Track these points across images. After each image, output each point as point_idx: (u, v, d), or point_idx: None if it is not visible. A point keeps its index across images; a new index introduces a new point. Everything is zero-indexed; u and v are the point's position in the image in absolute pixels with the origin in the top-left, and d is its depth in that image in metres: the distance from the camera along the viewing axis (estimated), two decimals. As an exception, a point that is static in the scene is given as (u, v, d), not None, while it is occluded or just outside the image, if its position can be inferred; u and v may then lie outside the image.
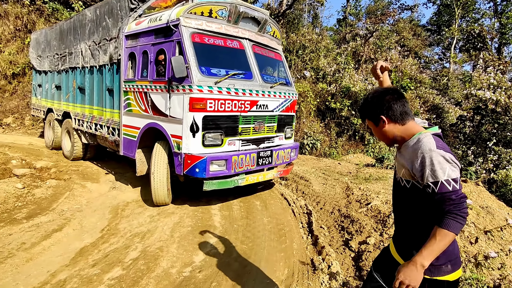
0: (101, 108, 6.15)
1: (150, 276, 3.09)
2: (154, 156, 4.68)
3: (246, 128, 4.68)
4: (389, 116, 1.54)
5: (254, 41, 5.13)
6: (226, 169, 4.35)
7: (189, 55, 4.21)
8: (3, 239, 3.72)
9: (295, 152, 5.72)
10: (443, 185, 1.36)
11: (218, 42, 4.61)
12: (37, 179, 6.03)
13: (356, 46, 15.44)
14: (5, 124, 12.11)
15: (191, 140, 4.17)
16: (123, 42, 5.39)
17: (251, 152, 4.71)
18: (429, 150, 1.40)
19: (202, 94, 4.12)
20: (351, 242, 3.88)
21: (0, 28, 12.37)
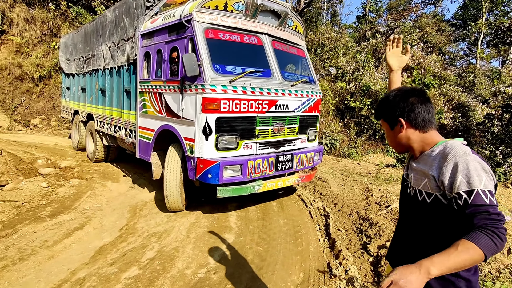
0: (120, 109, 6.11)
1: (166, 277, 3.11)
2: (168, 160, 4.49)
3: (264, 130, 4.36)
4: (409, 120, 1.33)
5: (274, 36, 4.80)
6: (241, 175, 4.07)
7: (202, 52, 3.97)
8: (27, 237, 3.86)
9: (319, 155, 5.33)
10: (479, 195, 1.13)
11: (234, 37, 4.32)
12: (61, 178, 6.25)
13: (377, 43, 15.05)
14: (33, 125, 12.65)
15: (204, 143, 3.93)
16: (139, 42, 5.27)
17: (269, 156, 4.38)
18: (464, 154, 1.19)
19: (215, 94, 3.87)
20: (369, 246, 3.76)
21: (28, 33, 12.93)
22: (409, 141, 1.37)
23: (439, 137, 1.35)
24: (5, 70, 12.76)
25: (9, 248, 3.58)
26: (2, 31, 12.85)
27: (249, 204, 5.07)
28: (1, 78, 12.74)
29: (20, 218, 4.40)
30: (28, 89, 12.98)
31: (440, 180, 1.24)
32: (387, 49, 1.84)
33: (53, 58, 13.17)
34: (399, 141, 1.39)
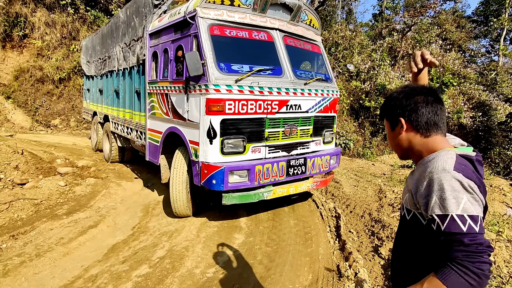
0: (131, 111, 6.06)
1: (175, 276, 3.15)
2: (174, 164, 4.33)
3: (274, 132, 4.08)
4: (410, 120, 1.18)
5: (286, 32, 4.50)
6: (248, 181, 3.80)
7: (205, 50, 3.75)
8: (44, 234, 4.00)
9: (335, 159, 4.95)
10: (453, 221, 0.97)
11: (242, 34, 4.06)
12: (78, 177, 6.44)
13: (393, 41, 14.74)
14: (53, 125, 13.08)
15: (208, 147, 3.71)
16: (147, 41, 5.15)
17: (280, 160, 4.08)
18: (442, 170, 1.02)
19: (220, 95, 3.64)
20: (381, 249, 3.69)
21: (48, 36, 13.38)
22: (410, 145, 1.22)
23: (443, 145, 1.17)
24: (27, 73, 13.25)
25: (27, 245, 3.72)
26: (24, 35, 13.34)
27: (259, 209, 4.92)
28: (24, 81, 13.24)
29: (38, 215, 4.57)
30: (49, 91, 13.43)
31: (416, 198, 1.10)
32: (413, 68, 1.47)
33: (72, 60, 13.57)
34: (399, 144, 1.25)
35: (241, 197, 3.88)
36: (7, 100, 12.97)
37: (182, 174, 4.23)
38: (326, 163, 4.70)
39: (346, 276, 3.11)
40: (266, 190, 4.07)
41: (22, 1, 12.97)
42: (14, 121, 12.67)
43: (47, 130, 12.77)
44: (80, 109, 13.51)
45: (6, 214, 4.45)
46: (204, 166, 3.72)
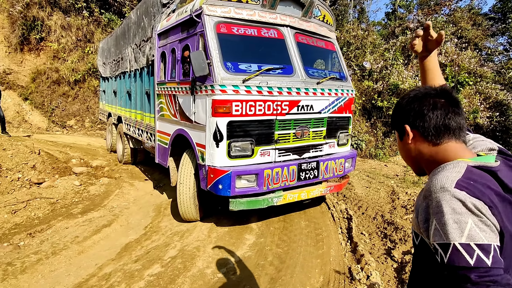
0: (142, 112, 6.01)
1: (186, 275, 3.18)
2: (181, 167, 4.23)
3: (284, 134, 3.90)
4: (416, 127, 1.01)
5: (297, 29, 4.29)
6: (256, 186, 3.65)
7: (211, 49, 3.61)
8: (60, 232, 4.10)
9: (351, 162, 4.72)
10: (456, 252, 0.78)
11: (250, 31, 3.88)
12: (92, 177, 6.57)
13: (406, 40, 14.49)
14: (68, 126, 13.39)
15: (214, 150, 3.57)
16: (156, 42, 5.07)
17: (291, 164, 3.92)
18: (441, 189, 0.84)
19: (226, 96, 3.49)
20: (394, 252, 3.63)
21: (64, 39, 13.70)
22: (420, 156, 1.04)
23: (456, 153, 0.97)
24: (43, 75, 13.61)
25: (44, 243, 3.82)
26: (41, 38, 13.71)
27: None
28: (40, 82, 13.59)
29: (55, 214, 4.68)
30: (65, 92, 13.75)
31: (418, 221, 0.93)
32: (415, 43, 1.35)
33: (87, 62, 13.86)
34: (409, 156, 1.08)
35: (249, 203, 3.72)
36: (24, 101, 13.35)
37: (190, 178, 4.14)
38: (340, 166, 4.48)
39: (358, 279, 3.07)
40: (276, 196, 3.90)
41: (39, 5, 13.32)
42: (31, 121, 13.03)
43: (62, 131, 13.08)
44: (94, 110, 13.79)
45: (24, 213, 4.58)
46: (211, 170, 3.60)
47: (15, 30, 13.20)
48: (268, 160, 3.84)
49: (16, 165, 5.99)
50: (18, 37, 13.21)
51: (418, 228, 0.95)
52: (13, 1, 12.97)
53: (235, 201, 3.67)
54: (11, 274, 3.16)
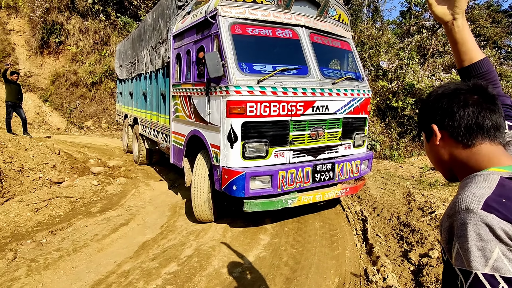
0: (157, 113, 6.06)
1: (202, 274, 3.23)
2: (196, 168, 4.24)
3: (299, 135, 3.88)
4: (445, 127, 0.90)
5: (312, 29, 4.25)
6: (271, 187, 3.63)
7: (226, 50, 3.62)
8: (80, 230, 4.22)
9: (367, 164, 4.65)
10: (478, 283, 0.70)
11: (265, 32, 3.88)
12: (110, 177, 6.73)
13: (422, 39, 14.23)
14: (86, 127, 13.74)
15: (229, 151, 3.57)
16: (171, 43, 5.12)
17: (306, 165, 3.87)
18: (466, 211, 0.74)
19: (241, 96, 3.49)
20: (410, 254, 3.58)
21: (82, 42, 14.08)
22: (450, 159, 0.92)
23: (490, 159, 0.85)
24: (62, 77, 14.01)
25: (65, 240, 3.94)
26: (60, 42, 14.12)
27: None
28: (59, 85, 14.00)
29: (74, 213, 4.82)
30: (82, 94, 14.13)
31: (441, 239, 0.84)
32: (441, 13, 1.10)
33: (103, 65, 14.20)
34: (438, 159, 0.96)
35: (263, 204, 3.69)
36: (44, 103, 13.78)
37: (204, 179, 4.14)
38: (356, 168, 4.41)
39: (375, 282, 3.05)
40: (291, 197, 3.86)
41: (58, 9, 13.74)
42: (51, 123, 13.43)
43: (80, 132, 13.43)
44: (111, 111, 14.10)
45: (46, 211, 4.74)
46: (225, 171, 3.59)
47: (36, 34, 13.66)
48: (282, 161, 3.81)
49: (38, 165, 6.19)
50: (38, 40, 13.66)
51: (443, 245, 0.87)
52: (33, 6, 13.42)
53: (249, 202, 3.64)
54: (35, 270, 3.28)
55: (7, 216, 4.42)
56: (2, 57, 13.35)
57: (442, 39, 14.33)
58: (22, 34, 13.93)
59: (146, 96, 6.84)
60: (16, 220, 4.39)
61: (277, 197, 3.80)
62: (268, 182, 3.62)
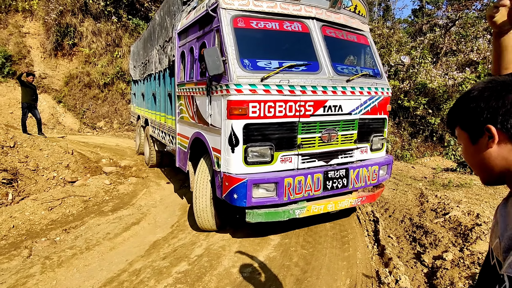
0: (165, 114, 5.87)
1: (213, 274, 3.24)
2: (197, 173, 3.99)
3: (308, 138, 3.55)
4: (505, 128, 0.81)
5: (325, 21, 3.90)
6: (276, 196, 3.30)
7: (227, 45, 3.33)
8: (93, 229, 4.29)
9: (386, 169, 4.26)
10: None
11: (271, 25, 3.56)
12: (121, 176, 6.82)
13: (435, 37, 13.98)
14: (98, 127, 13.97)
15: (230, 156, 3.29)
16: (176, 41, 4.88)
17: (316, 171, 3.52)
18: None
19: (242, 96, 3.20)
20: (423, 256, 3.52)
21: (94, 44, 14.33)
22: (506, 164, 0.84)
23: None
24: (76, 79, 14.29)
25: (78, 238, 4.01)
26: (74, 44, 14.40)
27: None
28: (73, 86, 14.28)
29: (87, 211, 4.90)
30: (95, 95, 14.37)
31: (500, 244, 0.80)
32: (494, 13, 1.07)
33: (115, 66, 14.41)
34: (486, 163, 0.87)
35: (268, 215, 3.41)
36: (58, 104, 14.07)
37: (206, 185, 3.86)
38: (374, 174, 4.00)
39: (387, 284, 3.00)
40: (299, 207, 3.52)
41: (71, 12, 14.01)
42: (65, 123, 13.71)
43: (93, 132, 13.66)
44: (122, 112, 14.30)
45: (59, 210, 4.83)
46: (225, 178, 3.30)
47: (50, 37, 13.96)
48: (289, 167, 3.50)
49: (52, 164, 6.32)
50: (52, 43, 13.96)
51: (497, 251, 0.83)
52: (48, 9, 13.72)
53: (252, 212, 3.39)
54: (49, 267, 3.34)
55: (22, 214, 4.53)
56: (18, 59, 13.70)
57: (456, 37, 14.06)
58: (37, 37, 14.26)
59: (156, 96, 6.72)
60: (31, 218, 4.48)
61: (284, 206, 3.49)
62: (273, 190, 3.30)
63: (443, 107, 10.60)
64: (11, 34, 13.82)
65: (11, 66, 13.43)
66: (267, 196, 3.30)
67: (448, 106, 10.41)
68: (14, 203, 4.95)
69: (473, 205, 4.71)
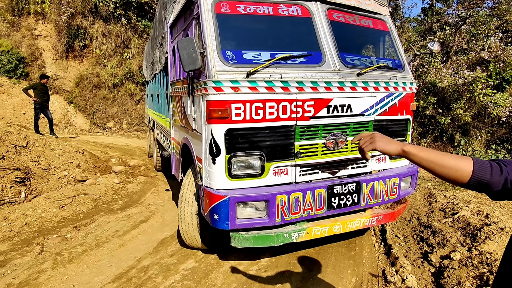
0: (164, 116, 5.39)
1: (219, 271, 3.27)
2: (183, 185, 3.45)
3: (308, 145, 2.91)
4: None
5: (332, 3, 3.23)
6: (266, 216, 2.72)
7: (205, 34, 2.77)
8: (102, 226, 4.37)
9: (409, 181, 3.54)
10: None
11: (263, 10, 2.95)
12: (130, 175, 6.92)
13: (445, 36, 13.80)
14: (108, 128, 14.18)
15: (211, 168, 2.73)
16: (168, 36, 4.43)
17: (316, 186, 2.86)
18: None
19: (222, 95, 2.63)
20: (431, 256, 3.49)
21: (104, 46, 14.56)
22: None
23: None
24: (86, 80, 14.54)
25: (88, 235, 4.10)
26: (84, 46, 14.66)
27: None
28: (83, 87, 14.53)
29: (97, 209, 5.00)
30: (104, 96, 14.59)
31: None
32: None
33: (124, 67, 14.62)
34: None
35: (257, 239, 2.80)
36: (69, 105, 14.34)
37: (192, 200, 3.32)
38: (393, 188, 3.26)
39: (393, 283, 2.99)
40: (296, 229, 2.90)
41: (82, 14, 14.27)
42: (76, 124, 13.96)
43: (102, 132, 13.88)
44: (131, 112, 14.49)
45: (70, 208, 4.94)
46: (206, 194, 2.76)
47: (61, 39, 14.24)
48: (285, 180, 2.88)
49: (63, 163, 6.46)
50: (63, 45, 14.24)
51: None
52: (59, 11, 14.00)
53: (238, 235, 2.78)
54: (60, 263, 3.43)
55: (34, 212, 4.64)
56: (31, 61, 14.01)
57: (466, 36, 13.85)
58: (49, 39, 14.56)
59: (159, 97, 6.26)
60: (43, 215, 4.60)
61: (278, 228, 2.90)
62: (263, 209, 2.73)
63: (453, 106, 10.46)
64: (24, 36, 14.15)
65: (24, 68, 13.76)
66: (255, 217, 2.74)
67: (458, 106, 10.27)
68: (27, 201, 5.08)
69: (482, 205, 4.64)
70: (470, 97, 10.46)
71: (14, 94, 13.31)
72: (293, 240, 2.88)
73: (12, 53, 13.46)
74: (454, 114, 10.33)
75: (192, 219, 3.31)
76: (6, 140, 6.05)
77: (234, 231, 2.79)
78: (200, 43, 2.88)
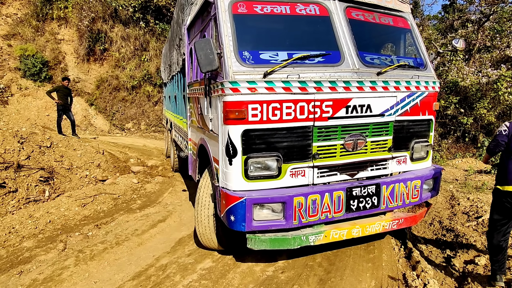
0: (182, 117, 5.44)
1: (236, 271, 3.28)
2: (200, 186, 3.48)
3: (326, 146, 2.90)
4: None
5: (351, 1, 3.23)
6: (283, 219, 2.75)
7: (223, 35, 2.81)
8: (122, 225, 4.47)
9: (432, 184, 3.47)
10: None
11: (280, 9, 2.97)
12: (148, 175, 7.05)
13: (467, 33, 13.35)
14: (127, 129, 14.51)
15: (228, 169, 2.77)
16: (185, 38, 4.47)
17: (335, 189, 2.87)
18: None
19: (239, 96, 2.66)
20: (454, 260, 3.38)
21: (123, 49, 14.91)
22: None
23: None
24: (106, 82, 14.94)
25: (108, 234, 4.20)
26: (104, 49, 15.06)
27: None
28: (103, 89, 14.93)
29: (117, 208, 5.12)
30: (123, 98, 14.94)
31: None
32: None
33: (142, 69, 14.93)
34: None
35: (274, 242, 2.84)
36: (90, 106, 14.77)
37: (208, 201, 3.37)
38: (415, 191, 3.22)
39: (415, 287, 2.91)
40: (314, 232, 2.91)
41: (102, 19, 14.68)
42: (96, 125, 14.36)
43: (121, 133, 14.21)
44: (149, 114, 14.78)
45: (91, 206, 5.07)
46: (222, 195, 2.81)
47: (83, 43, 14.70)
48: (302, 182, 2.88)
49: (84, 163, 6.65)
50: (85, 48, 14.69)
51: None
52: (81, 16, 14.45)
53: (254, 237, 2.84)
54: (82, 260, 3.53)
55: (58, 210, 4.80)
56: (54, 65, 14.52)
57: (490, 33, 13.36)
58: (71, 43, 15.06)
59: (176, 98, 6.37)
60: (65, 214, 4.75)
61: (295, 231, 2.92)
62: (279, 211, 2.75)
63: (476, 106, 10.10)
64: (47, 41, 14.68)
65: (47, 71, 14.27)
66: (273, 219, 2.76)
67: (482, 105, 9.91)
68: (51, 200, 5.26)
69: (509, 208, 4.46)
70: (494, 96, 10.07)
71: (38, 97, 13.82)
72: (311, 243, 2.89)
73: (37, 57, 13.98)
74: (477, 114, 9.96)
75: (209, 221, 3.34)
76: (31, 140, 6.29)
77: (251, 233, 2.81)
78: (217, 44, 2.90)
